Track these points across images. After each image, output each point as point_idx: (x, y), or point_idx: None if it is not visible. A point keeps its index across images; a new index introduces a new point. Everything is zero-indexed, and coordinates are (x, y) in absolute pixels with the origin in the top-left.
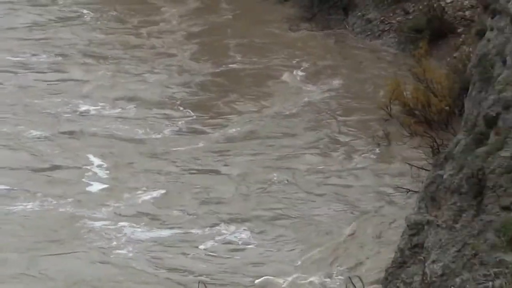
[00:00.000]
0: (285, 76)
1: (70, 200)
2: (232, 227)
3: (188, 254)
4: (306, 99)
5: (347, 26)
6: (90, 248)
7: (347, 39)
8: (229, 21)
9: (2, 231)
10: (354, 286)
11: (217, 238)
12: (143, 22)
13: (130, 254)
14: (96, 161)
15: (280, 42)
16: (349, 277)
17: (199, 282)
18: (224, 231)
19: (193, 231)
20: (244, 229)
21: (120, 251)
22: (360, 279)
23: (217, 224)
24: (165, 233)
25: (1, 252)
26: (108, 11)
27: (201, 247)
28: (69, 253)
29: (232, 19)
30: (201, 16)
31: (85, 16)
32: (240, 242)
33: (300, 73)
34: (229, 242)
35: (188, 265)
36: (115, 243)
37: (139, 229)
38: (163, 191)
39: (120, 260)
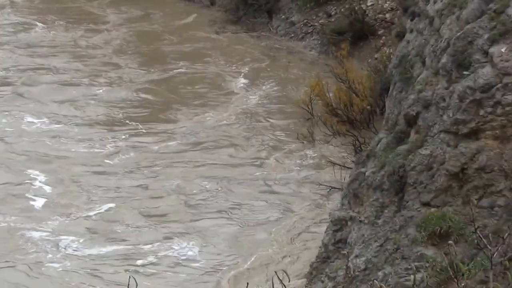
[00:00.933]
0: (217, 80)
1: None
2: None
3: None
4: (235, 105)
5: (271, 29)
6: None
7: (271, 41)
8: (160, 28)
9: None
10: (281, 280)
11: (159, 254)
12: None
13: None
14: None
15: (210, 46)
16: (275, 272)
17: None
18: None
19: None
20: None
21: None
22: (286, 273)
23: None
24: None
25: None
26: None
27: (140, 262)
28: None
29: (162, 25)
30: (134, 24)
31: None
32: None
33: (231, 77)
34: (171, 257)
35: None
36: (52, 256)
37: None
38: (106, 206)
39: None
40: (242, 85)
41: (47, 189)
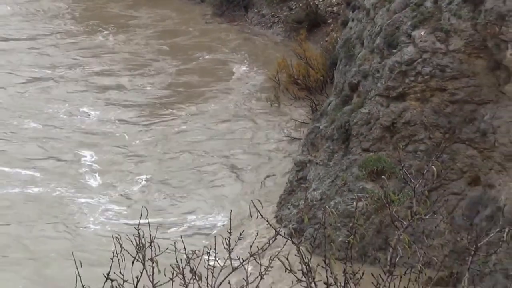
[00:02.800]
0: (219, 61)
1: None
2: None
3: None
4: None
5: (247, 20)
6: None
7: (247, 29)
8: (172, 24)
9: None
10: (255, 207)
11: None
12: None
13: None
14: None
15: (204, 35)
16: (251, 200)
17: None
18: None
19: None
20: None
21: None
22: (260, 202)
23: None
24: None
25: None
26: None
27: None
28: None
29: (175, 21)
30: (151, 23)
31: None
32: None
33: (225, 56)
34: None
35: None
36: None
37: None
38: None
39: None
40: (236, 62)
41: (95, 164)
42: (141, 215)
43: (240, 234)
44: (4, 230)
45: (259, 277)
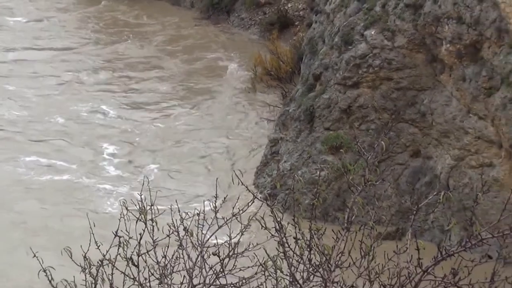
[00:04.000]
0: (213, 60)
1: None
2: None
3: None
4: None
5: (229, 22)
6: None
7: (229, 31)
8: (157, 27)
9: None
10: (237, 176)
11: None
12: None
13: None
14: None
15: (190, 35)
16: (233, 171)
17: None
18: None
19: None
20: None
21: None
22: (241, 172)
23: None
24: None
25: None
26: None
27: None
28: None
29: (158, 26)
30: (153, 28)
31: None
32: None
33: (214, 53)
34: None
35: None
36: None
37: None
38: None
39: None
40: (223, 57)
41: (112, 156)
42: (143, 184)
43: (224, 199)
44: (36, 212)
45: (240, 233)
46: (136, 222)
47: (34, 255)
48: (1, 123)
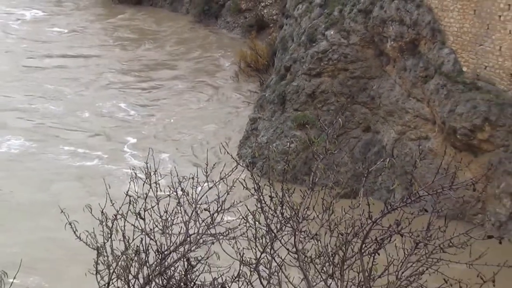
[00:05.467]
0: (211, 57)
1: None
2: None
3: None
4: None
5: (217, 25)
6: None
7: (218, 32)
8: (157, 30)
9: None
10: (224, 147)
11: None
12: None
13: None
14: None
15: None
16: (221, 143)
17: None
18: None
19: None
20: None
21: None
22: (227, 144)
23: None
24: None
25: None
26: None
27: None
28: None
29: (157, 29)
30: (158, 33)
31: None
32: None
33: (207, 51)
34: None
35: None
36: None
37: None
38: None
39: None
40: (215, 53)
41: (131, 147)
42: (148, 154)
43: (214, 165)
44: (67, 191)
45: (226, 193)
46: (143, 184)
47: (62, 211)
48: (45, 116)
